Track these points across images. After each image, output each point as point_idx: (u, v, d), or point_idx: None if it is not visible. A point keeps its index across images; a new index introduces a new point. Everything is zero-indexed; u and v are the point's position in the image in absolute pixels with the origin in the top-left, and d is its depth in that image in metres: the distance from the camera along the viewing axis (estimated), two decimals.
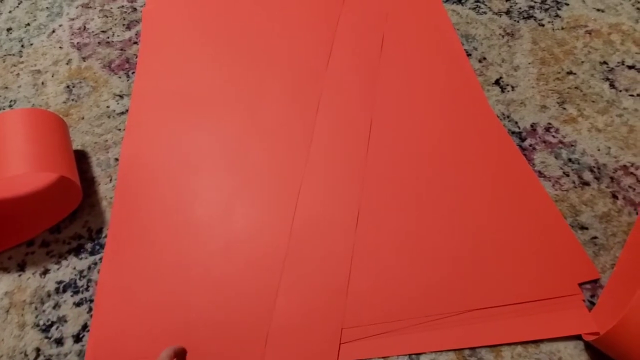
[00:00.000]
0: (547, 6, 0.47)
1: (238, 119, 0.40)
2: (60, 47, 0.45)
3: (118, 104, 0.41)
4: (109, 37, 0.46)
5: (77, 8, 0.49)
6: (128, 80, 0.43)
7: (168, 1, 0.49)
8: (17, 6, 0.49)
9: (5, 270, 0.33)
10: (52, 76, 0.43)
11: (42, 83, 0.42)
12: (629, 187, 0.35)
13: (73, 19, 0.48)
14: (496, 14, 0.46)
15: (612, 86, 0.41)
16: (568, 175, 0.36)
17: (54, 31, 0.47)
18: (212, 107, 0.41)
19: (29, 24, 0.47)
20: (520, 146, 0.38)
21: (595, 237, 0.33)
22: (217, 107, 0.41)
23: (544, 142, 0.38)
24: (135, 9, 0.48)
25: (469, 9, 0.47)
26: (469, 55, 0.43)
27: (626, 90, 0.40)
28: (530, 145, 0.38)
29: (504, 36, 0.45)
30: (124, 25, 0.47)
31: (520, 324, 0.29)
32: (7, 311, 0.31)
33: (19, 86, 0.42)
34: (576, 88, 0.41)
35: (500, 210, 0.34)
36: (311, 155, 0.37)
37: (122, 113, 0.40)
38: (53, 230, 0.34)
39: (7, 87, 0.42)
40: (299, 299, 0.31)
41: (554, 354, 0.29)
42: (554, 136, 0.38)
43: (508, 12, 0.46)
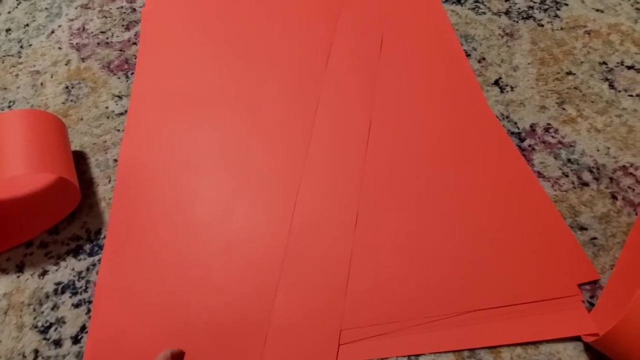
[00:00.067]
0: (546, 6, 0.47)
1: (238, 119, 0.40)
2: (60, 48, 0.45)
3: (117, 104, 0.41)
4: (108, 38, 0.46)
5: (76, 9, 0.48)
6: (127, 81, 0.43)
7: (167, 2, 0.49)
8: (16, 7, 0.49)
9: (4, 271, 0.33)
10: (51, 77, 0.43)
11: (41, 84, 0.42)
12: (629, 187, 0.35)
13: (72, 20, 0.47)
14: (495, 14, 0.46)
15: (611, 86, 0.41)
16: (567, 176, 0.36)
17: (53, 32, 0.46)
18: (211, 108, 0.41)
19: (28, 25, 0.47)
20: (520, 146, 0.38)
21: (595, 238, 0.33)
22: (216, 107, 0.41)
23: (543, 142, 0.38)
24: (134, 9, 0.48)
25: (468, 9, 0.47)
26: (468, 56, 0.43)
27: (625, 90, 0.40)
28: (530, 146, 0.38)
29: (503, 36, 0.45)
30: (123, 25, 0.47)
31: (520, 325, 0.29)
32: (5, 312, 0.31)
33: (18, 87, 0.42)
34: (575, 88, 0.41)
35: (499, 211, 0.34)
36: (310, 155, 0.37)
37: (121, 114, 0.40)
38: (51, 232, 0.34)
39: (5, 88, 0.42)
40: (297, 300, 0.31)
41: (553, 355, 0.29)
42: (553, 136, 0.38)
43: (507, 13, 0.46)
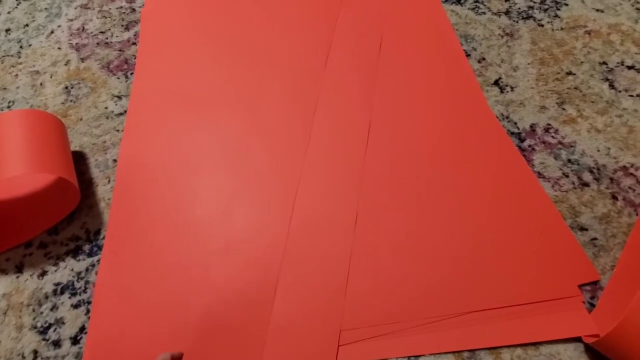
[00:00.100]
0: (546, 6, 0.47)
1: (238, 119, 0.40)
2: (59, 48, 0.45)
3: (116, 104, 0.41)
4: (107, 38, 0.46)
5: (75, 9, 0.48)
6: (127, 81, 0.43)
7: (167, 2, 0.49)
8: (16, 7, 0.49)
9: (3, 271, 0.32)
10: (51, 77, 0.43)
11: (41, 84, 0.42)
12: (629, 188, 0.35)
13: (72, 20, 0.47)
14: (495, 14, 0.46)
15: (611, 86, 0.40)
16: (567, 176, 0.36)
17: (52, 32, 0.46)
18: (211, 108, 0.40)
19: (27, 25, 0.47)
20: (520, 147, 0.38)
21: (595, 239, 0.33)
22: (216, 107, 0.40)
23: (543, 142, 0.38)
24: (134, 9, 0.48)
25: (468, 9, 0.47)
26: (468, 56, 0.43)
27: (626, 90, 0.40)
28: (530, 146, 0.38)
29: (503, 36, 0.45)
30: (122, 26, 0.47)
31: (520, 326, 0.29)
32: (4, 313, 0.31)
33: (18, 87, 0.42)
34: (575, 88, 0.41)
35: (499, 212, 0.34)
36: (310, 155, 0.37)
37: (121, 114, 0.40)
38: (51, 232, 0.34)
39: (5, 88, 0.42)
40: (297, 300, 0.31)
41: (553, 356, 0.29)
42: (553, 137, 0.38)
43: (507, 13, 0.46)
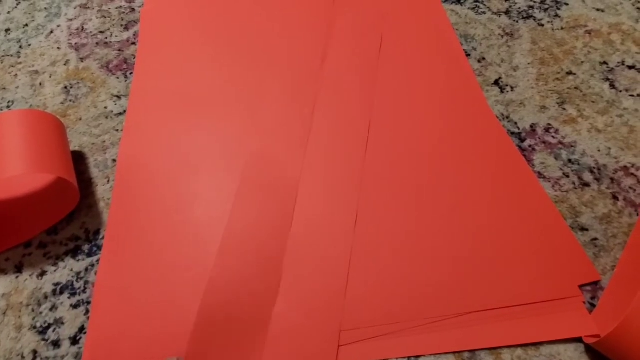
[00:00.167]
0: (546, 6, 0.47)
1: (238, 119, 0.39)
2: (59, 48, 0.45)
3: (116, 104, 0.41)
4: (107, 38, 0.46)
5: (75, 9, 0.48)
6: (126, 81, 0.43)
7: (166, 2, 0.49)
8: (16, 7, 0.49)
9: (3, 272, 0.32)
10: (50, 77, 0.43)
11: (40, 84, 0.42)
12: (630, 188, 0.35)
13: (71, 20, 0.47)
14: (495, 14, 0.46)
15: (612, 86, 0.40)
16: (568, 176, 0.36)
17: (52, 32, 0.46)
18: (211, 108, 0.40)
19: (27, 25, 0.47)
20: (520, 147, 0.38)
21: (596, 239, 0.33)
22: (216, 107, 0.40)
23: (544, 142, 0.38)
24: (133, 9, 0.48)
25: (468, 9, 0.47)
26: (468, 56, 0.43)
27: (626, 90, 0.40)
28: (530, 146, 0.38)
29: (503, 36, 0.45)
30: (122, 25, 0.47)
31: (520, 326, 0.29)
32: (4, 313, 0.31)
33: (17, 87, 0.42)
34: (576, 88, 0.41)
35: (499, 212, 0.34)
36: (310, 156, 0.37)
37: (120, 114, 0.40)
38: (50, 232, 0.34)
39: (4, 88, 0.42)
40: (298, 301, 0.31)
41: (554, 356, 0.29)
42: (553, 137, 0.38)
43: (507, 12, 0.46)
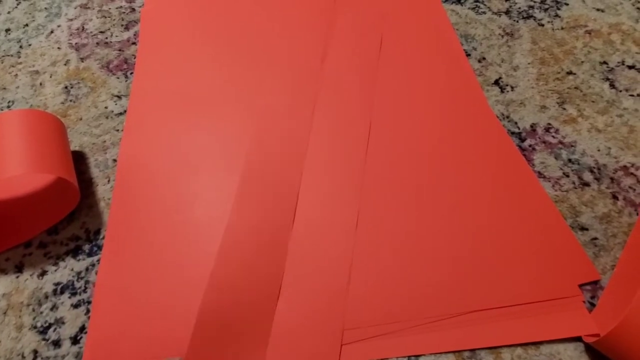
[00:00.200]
0: (546, 6, 0.47)
1: (238, 119, 0.39)
2: (59, 48, 0.45)
3: (116, 104, 0.41)
4: (107, 38, 0.46)
5: (75, 9, 0.48)
6: (126, 81, 0.43)
7: (167, 1, 0.49)
8: (16, 7, 0.49)
9: (3, 271, 0.32)
10: (50, 77, 0.43)
11: (40, 84, 0.42)
12: (630, 187, 0.35)
13: (71, 20, 0.47)
14: (495, 13, 0.46)
15: (612, 86, 0.40)
16: (568, 176, 0.36)
17: (52, 32, 0.46)
18: (211, 108, 0.40)
19: (27, 25, 0.47)
20: (520, 147, 0.38)
21: (596, 238, 0.33)
22: (216, 107, 0.40)
23: (544, 142, 0.38)
24: (133, 9, 0.48)
25: (468, 8, 0.47)
26: (468, 56, 0.43)
27: (626, 90, 0.40)
28: (530, 146, 0.38)
29: (503, 36, 0.45)
30: (122, 25, 0.47)
31: (520, 326, 0.29)
32: (4, 313, 0.31)
33: (17, 87, 0.42)
34: (576, 88, 0.41)
35: (499, 212, 0.34)
36: (310, 156, 0.37)
37: (121, 114, 0.40)
38: (51, 232, 0.34)
39: (5, 88, 0.42)
40: (300, 300, 0.31)
41: (554, 355, 0.29)
42: (553, 136, 0.38)
43: (507, 12, 0.46)
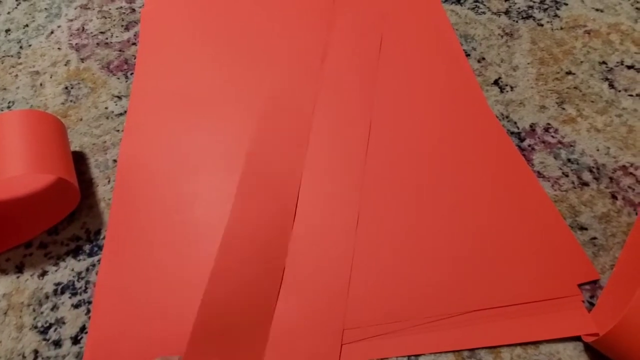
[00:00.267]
0: (546, 6, 0.47)
1: (238, 119, 0.40)
2: (59, 48, 0.45)
3: (117, 105, 0.41)
4: (107, 38, 0.46)
5: (75, 9, 0.48)
6: (127, 81, 0.43)
7: (167, 2, 0.49)
8: (16, 7, 0.49)
9: (3, 272, 0.32)
10: (51, 77, 0.43)
11: (41, 84, 0.42)
12: (629, 187, 0.35)
13: (72, 20, 0.47)
14: (495, 14, 0.46)
15: (611, 86, 0.40)
16: (567, 176, 0.36)
17: (52, 32, 0.46)
18: (211, 108, 0.40)
19: (27, 25, 0.47)
20: (519, 146, 0.38)
21: (595, 238, 0.33)
22: (216, 107, 0.41)
23: (543, 142, 0.38)
24: (133, 9, 0.48)
25: (468, 9, 0.47)
26: (467, 56, 0.43)
27: (625, 90, 0.40)
28: (529, 146, 0.38)
29: (502, 36, 0.45)
30: (122, 26, 0.47)
31: (520, 325, 0.29)
32: (5, 313, 0.31)
33: (17, 87, 0.42)
34: (575, 88, 0.41)
35: (499, 211, 0.34)
36: (310, 156, 0.37)
37: (121, 114, 0.40)
38: (51, 232, 0.34)
39: (5, 89, 0.42)
40: (301, 300, 0.31)
41: (553, 355, 0.29)
42: (553, 136, 0.38)
43: (507, 12, 0.46)
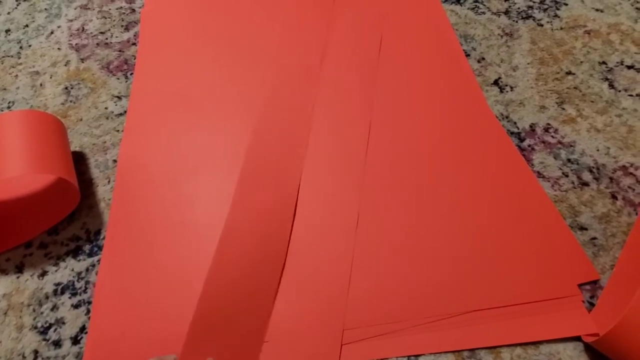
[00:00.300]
0: (545, 6, 0.47)
1: (238, 119, 0.40)
2: (59, 49, 0.45)
3: (116, 105, 0.41)
4: (107, 39, 0.46)
5: (75, 9, 0.48)
6: (126, 82, 0.43)
7: (167, 2, 0.49)
8: (16, 7, 0.49)
9: (3, 272, 0.32)
10: (51, 77, 0.43)
11: (41, 84, 0.42)
12: (629, 187, 0.35)
13: (71, 20, 0.47)
14: (495, 14, 0.46)
15: (611, 86, 0.40)
16: (567, 176, 0.36)
17: (52, 32, 0.46)
18: (211, 108, 0.40)
19: (27, 26, 0.47)
20: (519, 146, 0.38)
21: (595, 238, 0.33)
22: (216, 107, 0.40)
23: (543, 142, 0.38)
24: (133, 10, 0.48)
25: (468, 9, 0.47)
26: (467, 56, 0.43)
27: (625, 90, 0.40)
28: (529, 146, 0.38)
29: (502, 36, 0.45)
30: (122, 26, 0.47)
31: (520, 325, 0.29)
32: (5, 313, 0.31)
33: (17, 87, 0.42)
34: (575, 88, 0.41)
35: (499, 211, 0.34)
36: (310, 156, 0.37)
37: (121, 114, 0.40)
38: (51, 232, 0.34)
39: (5, 89, 0.42)
40: (300, 301, 0.31)
41: (553, 355, 0.29)
42: (553, 136, 0.38)
43: (507, 12, 0.46)
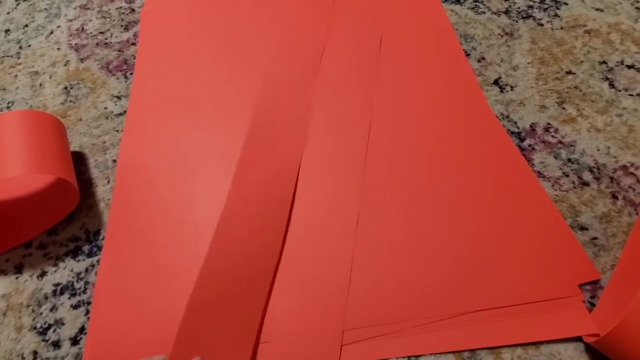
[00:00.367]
0: (546, 6, 0.47)
1: (237, 119, 0.39)
2: (58, 49, 0.45)
3: (116, 105, 0.41)
4: (107, 39, 0.46)
5: (75, 9, 0.48)
6: (126, 82, 0.43)
7: (166, 2, 0.49)
8: (15, 7, 0.49)
9: (3, 272, 0.32)
10: (50, 77, 0.43)
11: (40, 84, 0.42)
12: (629, 187, 0.35)
13: (71, 20, 0.47)
14: (495, 13, 0.46)
15: (611, 86, 0.40)
16: (567, 176, 0.36)
17: (52, 32, 0.46)
18: (211, 108, 0.40)
19: (27, 26, 0.47)
20: (520, 146, 0.38)
21: (595, 238, 0.33)
22: (216, 107, 0.40)
23: (543, 142, 0.38)
24: (133, 9, 0.48)
25: (468, 8, 0.47)
26: (467, 55, 0.43)
27: (625, 89, 0.40)
28: (530, 146, 0.38)
29: (502, 36, 0.45)
30: (122, 26, 0.47)
31: (520, 326, 0.29)
32: (4, 314, 0.31)
33: (17, 87, 0.42)
34: (575, 88, 0.41)
35: (499, 211, 0.34)
36: (310, 156, 0.37)
37: (120, 114, 0.40)
38: (50, 232, 0.34)
39: (4, 89, 0.42)
40: (300, 301, 0.31)
41: (554, 355, 0.29)
42: (553, 136, 0.38)
43: (507, 12, 0.46)
